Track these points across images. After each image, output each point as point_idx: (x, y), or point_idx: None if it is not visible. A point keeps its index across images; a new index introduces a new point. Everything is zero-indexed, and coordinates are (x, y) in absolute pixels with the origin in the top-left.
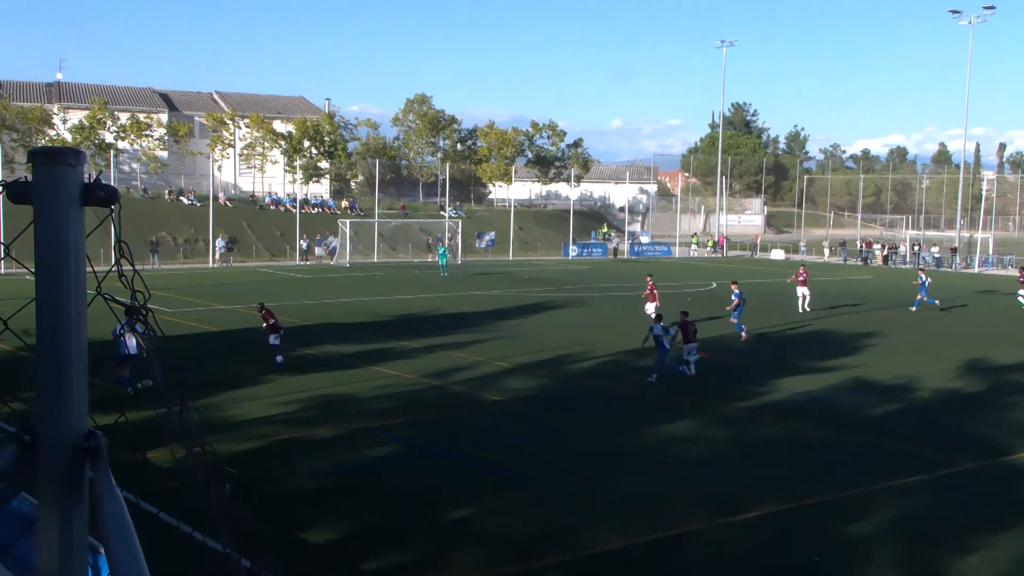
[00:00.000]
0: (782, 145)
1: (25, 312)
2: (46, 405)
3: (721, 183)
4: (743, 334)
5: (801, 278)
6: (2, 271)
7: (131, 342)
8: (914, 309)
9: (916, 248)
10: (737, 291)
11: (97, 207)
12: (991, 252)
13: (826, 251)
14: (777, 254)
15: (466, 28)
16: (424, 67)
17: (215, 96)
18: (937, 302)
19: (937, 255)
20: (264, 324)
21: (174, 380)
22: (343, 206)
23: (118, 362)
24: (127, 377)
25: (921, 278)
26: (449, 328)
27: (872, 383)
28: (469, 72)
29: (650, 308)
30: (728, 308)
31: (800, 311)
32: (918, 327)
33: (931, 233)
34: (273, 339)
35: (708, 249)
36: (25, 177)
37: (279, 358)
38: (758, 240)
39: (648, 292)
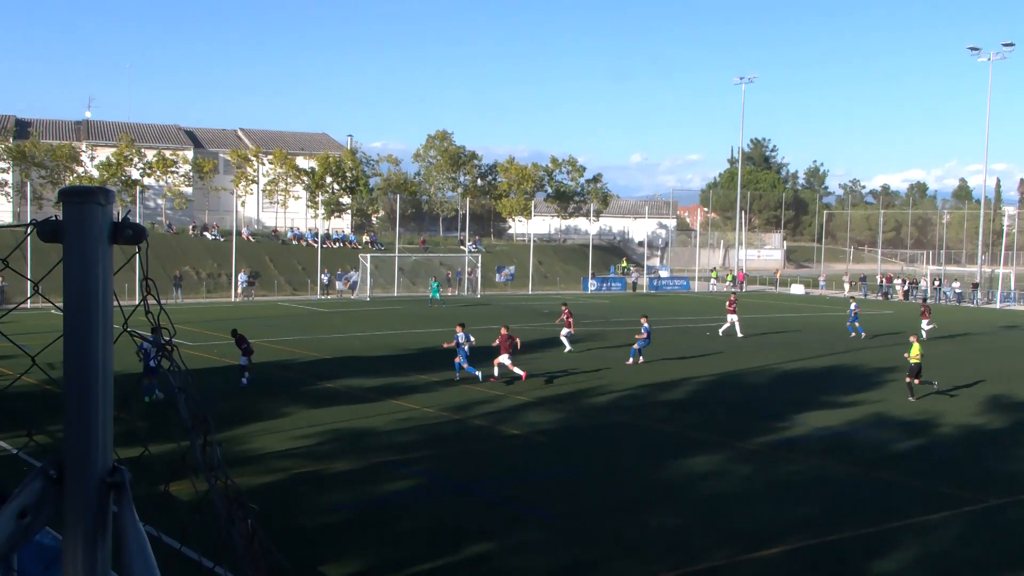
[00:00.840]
0: (801, 180)
1: (53, 347)
2: (72, 440)
3: (740, 218)
4: (636, 359)
5: (732, 307)
6: (28, 306)
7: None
8: (853, 336)
9: (937, 283)
10: (647, 325)
11: (124, 244)
12: (1013, 287)
13: (846, 286)
14: (797, 289)
15: (487, 65)
16: (445, 104)
17: (239, 133)
18: (863, 334)
19: (958, 290)
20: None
21: (198, 414)
22: (364, 240)
23: (145, 372)
24: (147, 386)
25: (852, 307)
26: (469, 362)
27: (894, 419)
28: (490, 108)
29: (563, 332)
30: (637, 337)
31: (737, 335)
32: (939, 363)
33: (952, 268)
34: (243, 360)
35: (728, 284)
36: (56, 216)
37: (244, 378)
38: (778, 275)
39: (565, 318)
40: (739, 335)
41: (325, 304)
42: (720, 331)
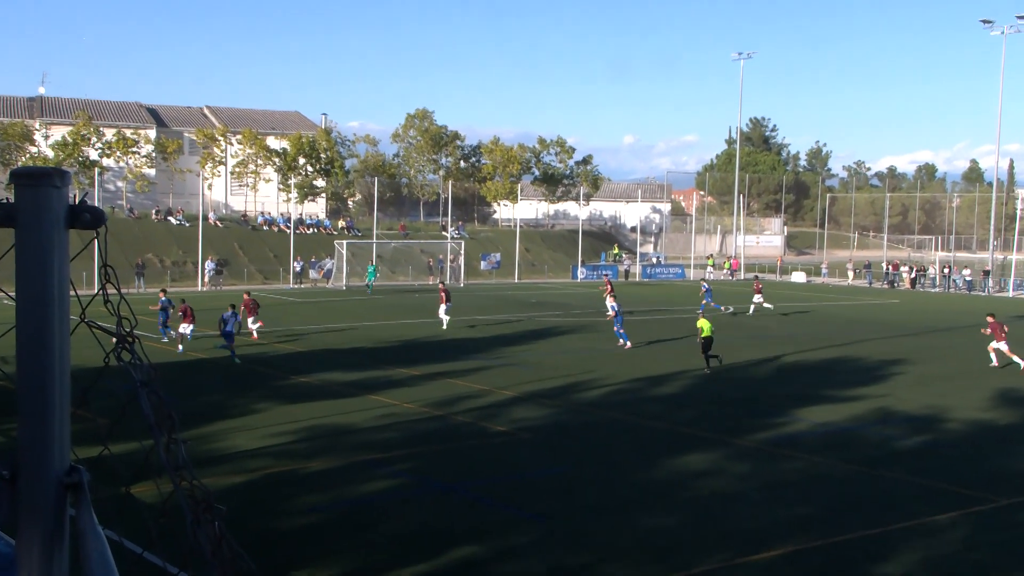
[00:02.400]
0: (803, 162)
1: (5, 340)
2: (27, 438)
3: (738, 202)
4: (625, 341)
5: (757, 288)
6: None
7: (231, 321)
8: (701, 311)
9: (946, 271)
10: (614, 304)
11: (82, 229)
12: None
13: (850, 273)
14: (798, 277)
15: (470, 41)
16: (426, 81)
17: (206, 111)
18: (717, 305)
19: (969, 278)
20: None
21: (161, 411)
22: (340, 226)
23: (226, 338)
24: (232, 350)
25: (704, 286)
26: (452, 355)
27: (900, 414)
28: (473, 87)
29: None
30: (609, 316)
31: (766, 307)
32: (948, 355)
33: (962, 255)
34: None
35: (724, 272)
36: (7, 199)
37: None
38: (779, 262)
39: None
40: (768, 307)
41: (298, 294)
42: (750, 310)
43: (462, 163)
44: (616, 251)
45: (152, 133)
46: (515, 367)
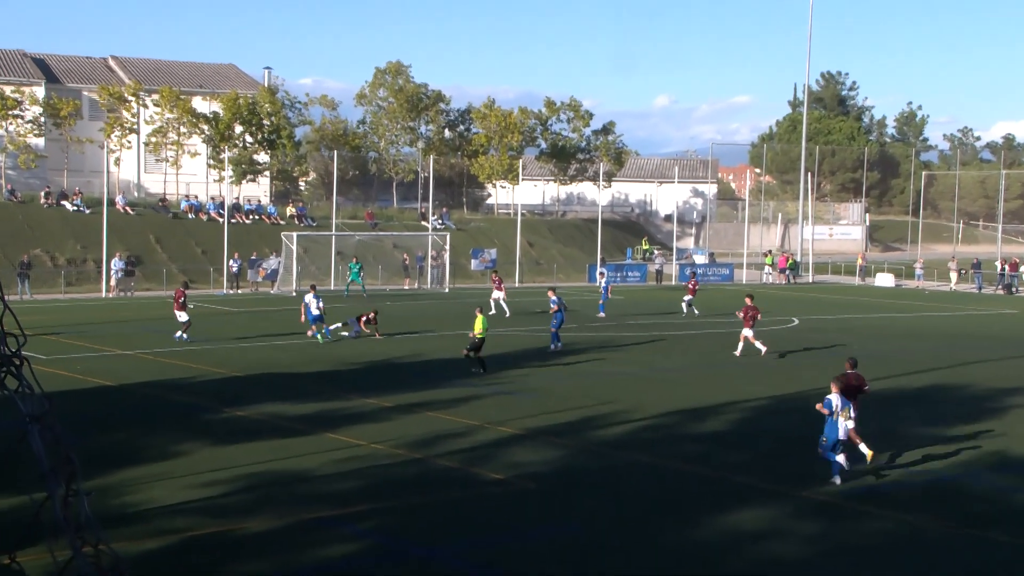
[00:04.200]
0: (890, 130)
1: None
2: None
3: (805, 182)
4: (555, 345)
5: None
6: None
7: (314, 305)
8: (602, 315)
9: None
10: (555, 298)
11: None
12: None
13: (952, 275)
14: (884, 279)
15: None
16: (400, 28)
17: (111, 64)
18: (602, 314)
19: None
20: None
21: (59, 453)
22: (289, 214)
23: (312, 321)
24: (327, 329)
25: (603, 282)
26: (434, 380)
27: (1018, 459)
28: (461, 35)
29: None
30: (552, 311)
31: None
32: None
33: None
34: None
35: (771, 272)
36: None
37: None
38: (860, 260)
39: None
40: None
41: (234, 301)
42: (683, 313)
43: (447, 132)
44: (646, 246)
45: (40, 91)
46: (514, 395)
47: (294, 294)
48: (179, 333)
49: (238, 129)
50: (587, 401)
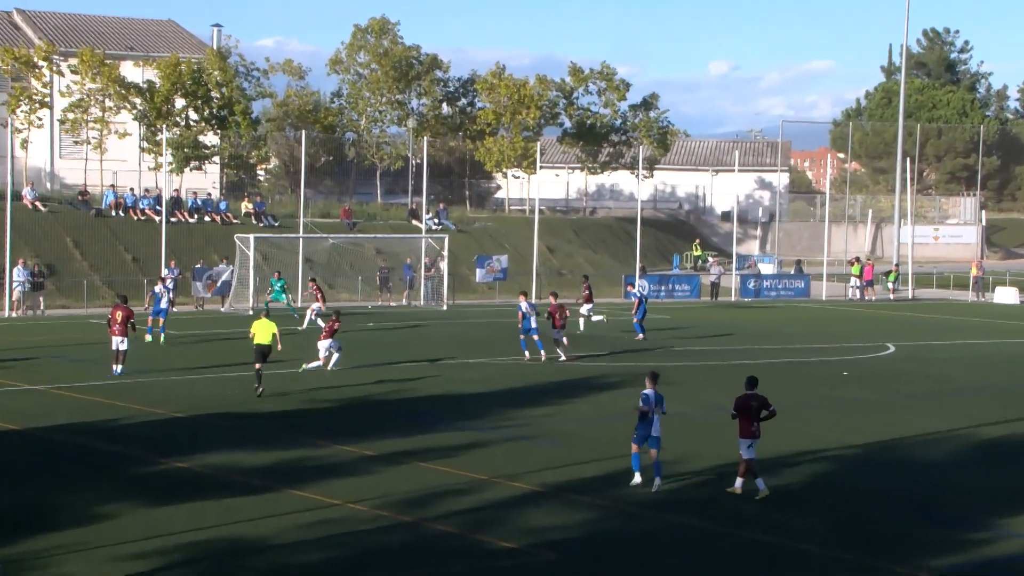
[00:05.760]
0: (1014, 103)
1: None
2: None
3: (904, 170)
4: (538, 355)
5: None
6: None
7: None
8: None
9: None
10: (524, 305)
11: None
12: None
13: None
14: (1005, 294)
15: None
16: None
17: (16, 18)
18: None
19: None
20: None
21: None
22: (244, 211)
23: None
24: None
25: (636, 292)
26: (426, 422)
27: None
28: None
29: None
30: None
31: None
32: None
33: None
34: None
35: (892, 285)
36: None
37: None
38: (975, 270)
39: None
40: (598, 319)
41: (174, 321)
42: (580, 326)
43: (445, 108)
44: (698, 251)
45: None
46: (530, 441)
47: (250, 312)
48: (117, 367)
49: (179, 103)
50: (621, 449)
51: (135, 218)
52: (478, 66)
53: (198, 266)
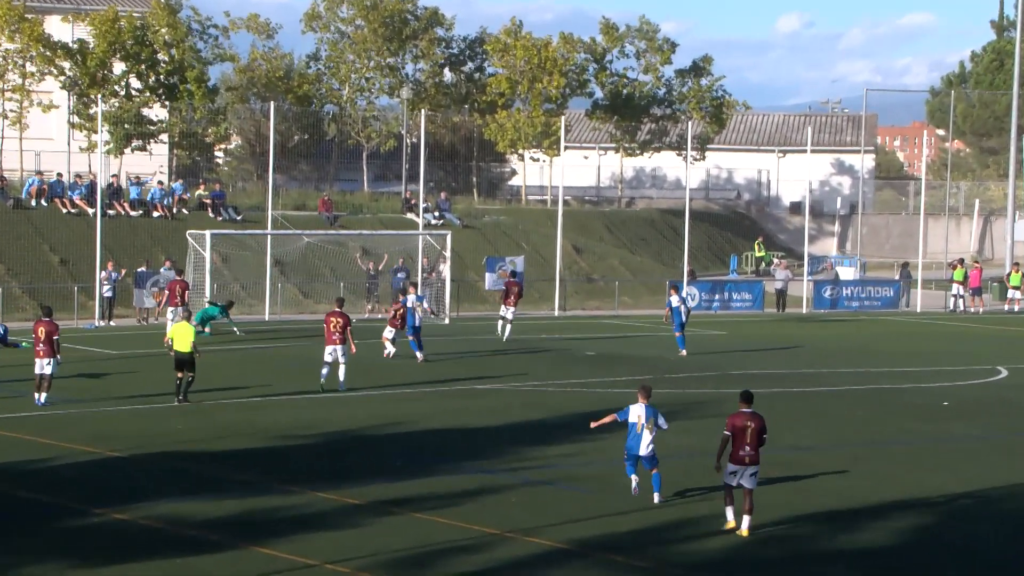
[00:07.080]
0: None
1: None
2: None
3: (1019, 149)
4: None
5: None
6: None
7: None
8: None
9: None
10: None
11: None
12: None
13: None
14: None
15: None
16: None
17: None
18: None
19: None
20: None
21: None
22: (198, 202)
23: (409, 332)
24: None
25: (674, 301)
26: (425, 462)
27: None
28: None
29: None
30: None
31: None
32: None
33: None
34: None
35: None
36: None
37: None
38: None
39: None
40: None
41: (111, 339)
42: (504, 333)
43: (448, 75)
44: (761, 251)
45: None
46: (553, 487)
47: (206, 331)
48: (40, 395)
49: (118, 68)
50: (666, 496)
51: (63, 210)
52: (489, 22)
53: (141, 270)
